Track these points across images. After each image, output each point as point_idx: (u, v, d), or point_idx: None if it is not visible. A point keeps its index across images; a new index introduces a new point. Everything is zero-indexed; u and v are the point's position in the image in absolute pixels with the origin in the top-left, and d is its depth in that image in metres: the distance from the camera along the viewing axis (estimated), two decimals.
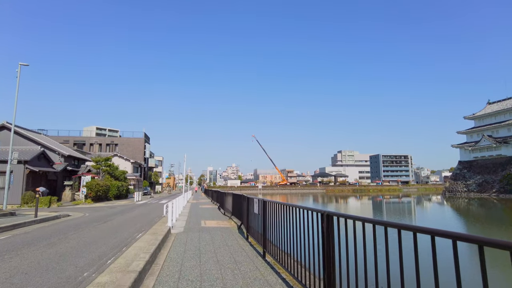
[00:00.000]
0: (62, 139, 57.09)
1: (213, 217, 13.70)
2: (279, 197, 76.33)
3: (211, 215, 14.81)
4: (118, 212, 17.44)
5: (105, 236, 8.67)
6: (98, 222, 12.06)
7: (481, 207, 37.78)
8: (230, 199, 13.51)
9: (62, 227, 10.62)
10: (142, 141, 60.64)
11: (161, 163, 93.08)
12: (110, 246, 7.12)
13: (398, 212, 31.74)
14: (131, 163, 52.96)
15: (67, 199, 27.64)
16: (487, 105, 73.84)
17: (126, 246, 7.00)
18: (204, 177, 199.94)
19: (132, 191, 41.16)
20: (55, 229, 9.93)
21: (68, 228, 10.22)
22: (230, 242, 7.72)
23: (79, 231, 9.63)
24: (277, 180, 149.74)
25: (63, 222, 11.99)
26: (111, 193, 31.18)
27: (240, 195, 10.82)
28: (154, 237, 7.76)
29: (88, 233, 9.21)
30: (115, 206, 22.93)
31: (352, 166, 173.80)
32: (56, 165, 27.71)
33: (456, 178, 78.75)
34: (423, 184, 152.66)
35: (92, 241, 7.85)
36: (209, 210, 17.46)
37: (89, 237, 8.40)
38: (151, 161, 74.19)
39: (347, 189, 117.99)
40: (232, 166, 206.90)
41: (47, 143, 29.09)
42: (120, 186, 33.16)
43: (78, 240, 7.89)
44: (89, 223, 11.69)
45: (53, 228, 10.27)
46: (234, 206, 12.40)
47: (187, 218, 13.40)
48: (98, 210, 19.05)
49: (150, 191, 61.20)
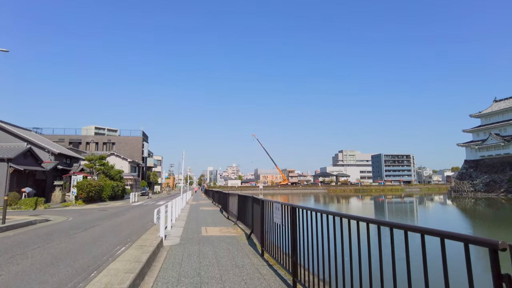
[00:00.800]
0: (57, 137, 55.10)
1: (215, 223, 11.71)
2: (280, 197, 74.54)
3: (213, 219, 12.82)
4: (108, 215, 15.43)
5: (76, 251, 6.67)
6: (78, 230, 10.05)
7: (489, 208, 36.33)
8: (235, 201, 11.53)
9: (28, 237, 8.60)
10: (140, 140, 58.59)
11: (160, 162, 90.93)
12: (75, 270, 5.11)
13: (403, 212, 29.91)
14: (129, 162, 50.96)
15: (57, 200, 25.63)
16: (494, 103, 71.99)
17: (97, 270, 5.00)
18: (204, 177, 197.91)
19: (128, 191, 39.15)
20: (17, 241, 7.91)
21: (35, 239, 8.21)
22: (240, 261, 5.73)
23: (46, 243, 7.62)
24: (278, 180, 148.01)
25: (35, 230, 9.98)
26: (105, 194, 29.18)
27: (248, 196, 8.86)
28: (139, 253, 5.78)
29: (56, 246, 7.20)
30: (107, 208, 20.92)
31: (353, 166, 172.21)
32: (45, 163, 25.68)
33: (462, 178, 77.34)
34: (426, 184, 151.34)
35: (54, 260, 5.84)
36: (211, 213, 15.47)
37: (53, 254, 6.39)
38: (150, 160, 72.17)
39: (349, 189, 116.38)
40: (232, 166, 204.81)
41: (35, 140, 27.07)
42: (115, 186, 31.15)
43: (34, 260, 5.87)
44: (65, 231, 9.67)
45: (16, 239, 8.25)
46: (240, 209, 10.43)
47: (185, 223, 11.41)
48: (86, 213, 17.04)
49: (149, 191, 59.18)
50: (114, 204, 24.70)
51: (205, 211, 16.82)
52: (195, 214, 15.22)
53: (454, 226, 19.25)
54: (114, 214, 16.21)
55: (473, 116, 72.98)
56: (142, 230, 9.68)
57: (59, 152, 28.17)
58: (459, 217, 25.99)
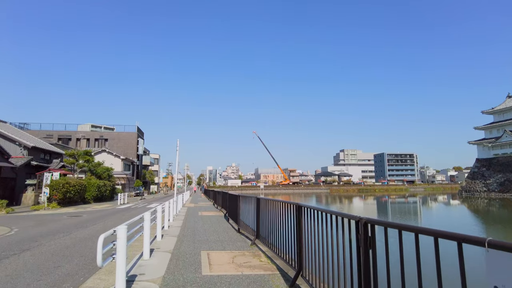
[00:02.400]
0: (44, 133, 50.92)
1: (222, 240, 7.62)
2: (281, 197, 71.07)
3: (218, 233, 8.74)
4: (75, 225, 11.35)
5: None
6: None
7: (506, 209, 33.25)
8: (252, 208, 7.44)
9: None
10: (134, 136, 54.31)
11: (157, 161, 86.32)
12: None
13: (413, 214, 26.33)
14: (121, 159, 46.81)
15: (28, 202, 21.53)
16: (507, 99, 68.52)
17: None
18: (204, 176, 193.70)
19: (119, 191, 35.00)
20: None
21: None
22: None
23: None
24: (279, 179, 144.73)
25: None
26: (89, 195, 25.10)
27: (285, 202, 4.92)
28: None
29: None
30: (84, 213, 16.83)
31: (354, 165, 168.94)
32: (14, 159, 21.53)
33: (473, 177, 74.50)
34: (429, 183, 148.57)
35: None
36: (213, 222, 11.40)
37: None
38: (146, 158, 67.92)
39: (352, 189, 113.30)
40: (232, 165, 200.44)
41: (3, 131, 22.89)
42: (102, 186, 27.05)
43: None
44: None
45: None
46: (262, 222, 6.39)
47: (176, 243, 7.34)
48: (49, 221, 12.93)
49: (144, 191, 55.06)
50: (96, 207, 20.61)
51: (206, 218, 12.77)
52: (193, 223, 11.16)
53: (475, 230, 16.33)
54: (84, 222, 12.14)
55: (486, 112, 69.52)
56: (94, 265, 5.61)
57: (34, 146, 23.95)
58: (479, 220, 22.87)
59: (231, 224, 10.68)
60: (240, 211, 9.13)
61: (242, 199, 9.11)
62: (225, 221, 11.60)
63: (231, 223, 10.80)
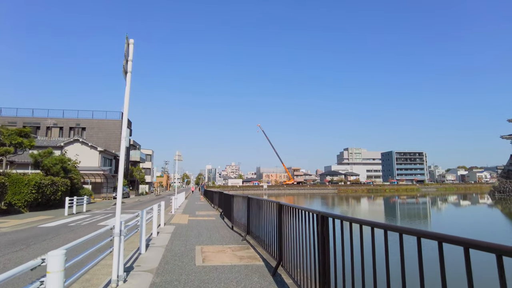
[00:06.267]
0: (6, 120, 41.17)
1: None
2: (284, 198, 62.42)
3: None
4: None
5: None
6: None
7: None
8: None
9: None
10: (118, 124, 44.38)
11: (150, 158, 75.78)
12: None
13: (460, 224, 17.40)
14: (99, 152, 36.99)
15: None
16: None
17: None
18: (203, 176, 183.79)
19: (86, 192, 25.19)
20: None
21: None
22: None
23: None
24: (282, 179, 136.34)
25: None
26: (19, 199, 15.39)
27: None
28: None
29: None
30: None
31: (359, 164, 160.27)
32: None
33: (508, 176, 66.41)
34: (440, 183, 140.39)
35: None
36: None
37: None
38: (135, 153, 57.92)
39: (361, 189, 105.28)
40: (231, 164, 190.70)
41: None
42: (46, 185, 17.24)
43: None
44: None
45: None
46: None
47: None
48: None
49: (129, 192, 45.33)
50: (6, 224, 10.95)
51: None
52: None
53: None
54: None
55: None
56: None
57: None
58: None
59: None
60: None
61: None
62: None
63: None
